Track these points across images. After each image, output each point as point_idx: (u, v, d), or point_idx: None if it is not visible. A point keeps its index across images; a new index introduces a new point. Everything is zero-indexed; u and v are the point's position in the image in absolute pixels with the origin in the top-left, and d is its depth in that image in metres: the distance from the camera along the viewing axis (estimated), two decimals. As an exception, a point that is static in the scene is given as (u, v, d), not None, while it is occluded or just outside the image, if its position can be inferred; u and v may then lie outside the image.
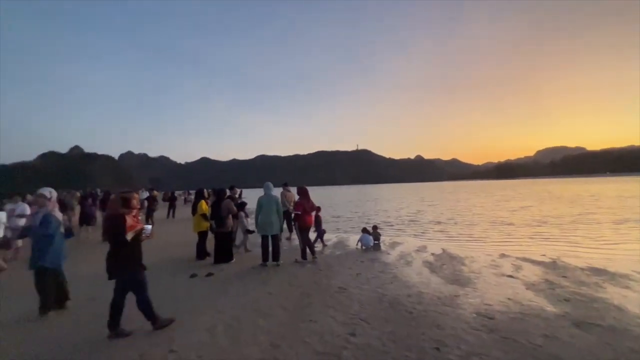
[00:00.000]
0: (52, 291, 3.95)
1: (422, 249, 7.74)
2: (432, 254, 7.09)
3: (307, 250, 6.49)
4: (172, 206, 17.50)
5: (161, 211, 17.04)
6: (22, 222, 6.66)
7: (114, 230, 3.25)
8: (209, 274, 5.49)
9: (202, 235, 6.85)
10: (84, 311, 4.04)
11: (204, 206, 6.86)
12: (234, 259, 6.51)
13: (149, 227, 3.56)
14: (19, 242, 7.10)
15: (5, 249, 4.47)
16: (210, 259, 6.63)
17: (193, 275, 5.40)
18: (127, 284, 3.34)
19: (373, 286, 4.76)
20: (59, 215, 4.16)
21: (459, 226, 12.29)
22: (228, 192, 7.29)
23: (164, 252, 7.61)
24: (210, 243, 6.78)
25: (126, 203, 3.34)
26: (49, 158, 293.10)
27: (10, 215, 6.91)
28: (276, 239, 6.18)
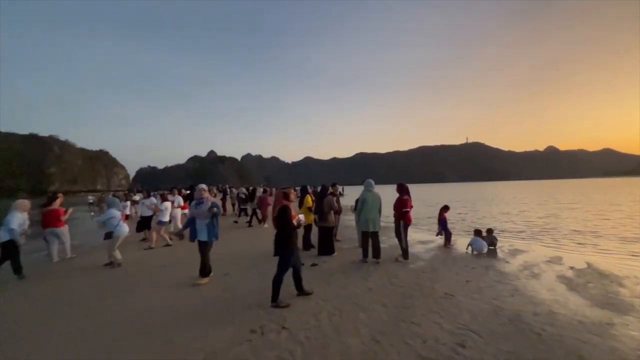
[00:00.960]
0: (208, 260, 5.12)
1: (555, 261, 6.36)
2: (571, 268, 5.74)
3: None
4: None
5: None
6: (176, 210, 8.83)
7: (284, 218, 3.99)
8: (314, 264, 5.93)
9: (308, 228, 7.44)
10: (220, 282, 5.01)
11: (309, 200, 7.45)
12: (336, 253, 6.83)
13: (302, 216, 4.26)
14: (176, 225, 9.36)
15: (178, 236, 6.02)
16: (314, 251, 7.15)
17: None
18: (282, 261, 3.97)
19: (487, 297, 4.20)
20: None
21: (611, 237, 9.53)
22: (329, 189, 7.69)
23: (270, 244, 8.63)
24: (315, 236, 7.31)
25: (286, 196, 4.14)
26: (194, 161, 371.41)
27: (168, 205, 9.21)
28: (377, 236, 6.19)
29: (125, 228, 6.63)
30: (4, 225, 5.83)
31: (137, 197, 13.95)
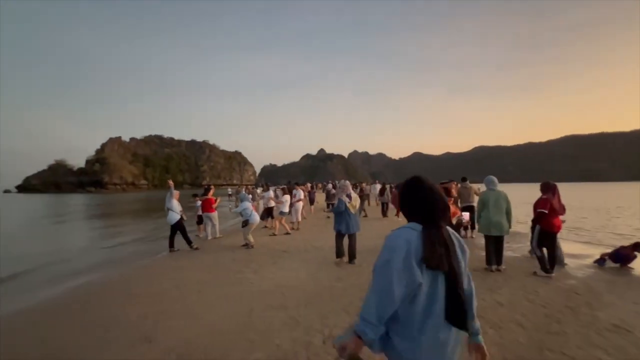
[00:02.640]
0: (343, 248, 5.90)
1: None
2: None
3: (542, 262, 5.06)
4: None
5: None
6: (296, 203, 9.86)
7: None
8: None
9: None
10: (334, 272, 5.30)
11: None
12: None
13: (466, 214, 4.03)
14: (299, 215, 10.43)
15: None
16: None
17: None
18: None
19: (692, 342, 2.98)
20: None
21: None
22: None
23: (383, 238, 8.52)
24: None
25: (447, 192, 3.85)
26: (306, 158, 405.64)
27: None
28: (501, 241, 5.32)
29: (256, 217, 7.85)
30: (170, 210, 7.71)
31: (258, 191, 16.31)
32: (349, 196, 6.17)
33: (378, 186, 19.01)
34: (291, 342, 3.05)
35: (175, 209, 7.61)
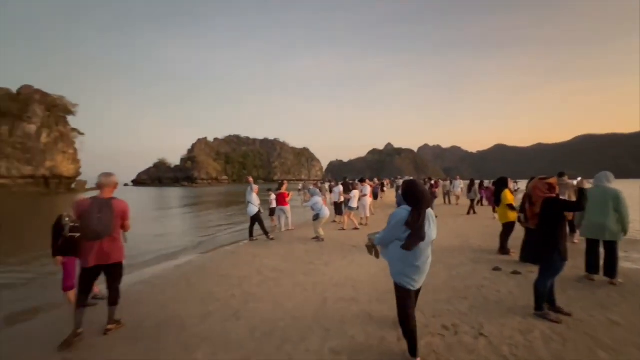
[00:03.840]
0: None
1: None
2: None
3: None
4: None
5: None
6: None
7: (551, 213, 3.37)
8: (515, 272, 4.96)
9: (508, 227, 6.31)
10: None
11: (509, 196, 6.28)
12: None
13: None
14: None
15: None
16: (515, 256, 5.99)
17: (496, 269, 5.14)
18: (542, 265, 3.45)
19: None
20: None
21: None
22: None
23: (460, 238, 7.89)
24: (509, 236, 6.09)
25: (551, 187, 3.53)
26: (373, 153, 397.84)
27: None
28: (613, 247, 4.42)
29: (327, 211, 8.10)
30: (250, 203, 8.44)
31: (326, 186, 16.66)
32: None
33: (459, 182, 17.69)
34: (365, 335, 3.10)
35: (254, 202, 8.34)
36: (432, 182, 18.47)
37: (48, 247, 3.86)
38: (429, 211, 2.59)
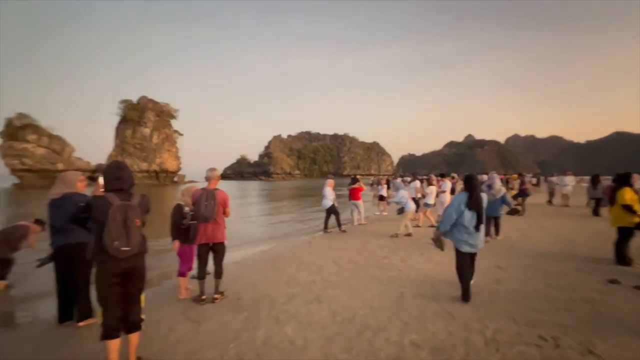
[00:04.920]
0: None
1: None
2: None
3: None
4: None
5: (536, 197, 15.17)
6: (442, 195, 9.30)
7: None
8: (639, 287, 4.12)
9: (624, 233, 5.25)
10: (492, 273, 4.78)
11: (628, 195, 5.20)
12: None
13: None
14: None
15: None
16: (639, 267, 4.96)
17: (613, 281, 4.35)
18: None
19: None
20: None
21: None
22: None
23: (564, 244, 6.85)
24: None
25: None
26: (450, 146, 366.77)
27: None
28: None
29: (413, 205, 7.96)
30: (324, 197, 8.78)
31: (397, 180, 16.12)
32: (490, 187, 6.70)
33: (569, 178, 14.69)
34: (447, 334, 3.04)
35: (330, 196, 8.69)
36: (523, 177, 15.74)
37: (161, 230, 4.68)
38: (483, 195, 3.89)
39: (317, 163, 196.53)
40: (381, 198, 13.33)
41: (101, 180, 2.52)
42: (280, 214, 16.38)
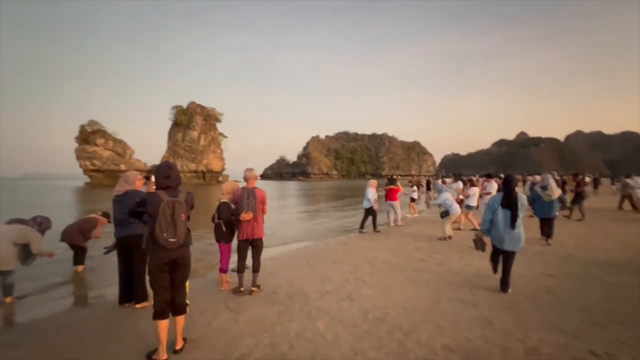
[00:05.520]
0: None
1: None
2: None
3: None
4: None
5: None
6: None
7: None
8: None
9: None
10: (541, 281, 4.43)
11: None
12: None
13: None
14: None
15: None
16: None
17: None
18: None
19: None
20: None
21: None
22: None
23: (630, 252, 6.08)
24: None
25: None
26: (499, 145, 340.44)
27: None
28: None
29: (457, 208, 7.65)
30: (365, 197, 8.78)
31: (439, 182, 15.40)
32: (544, 187, 6.57)
33: None
34: (483, 341, 2.91)
35: (371, 197, 8.67)
36: (579, 177, 14.04)
37: (207, 225, 5.00)
38: (521, 195, 4.07)
39: (354, 163, 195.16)
40: (412, 200, 13.06)
41: (153, 178, 2.85)
42: (316, 213, 16.62)
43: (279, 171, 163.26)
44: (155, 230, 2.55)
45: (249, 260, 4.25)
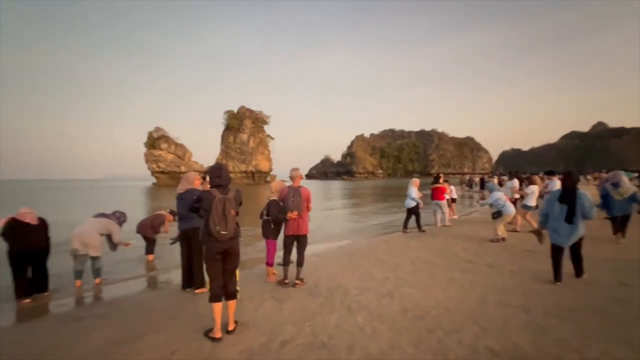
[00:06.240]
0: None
1: None
2: None
3: None
4: None
5: None
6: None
7: None
8: None
9: None
10: (612, 290, 3.98)
11: None
12: None
13: None
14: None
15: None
16: None
17: None
18: None
19: None
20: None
21: None
22: None
23: None
24: None
25: None
26: (570, 138, 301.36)
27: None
28: None
29: (511, 208, 7.11)
30: (408, 196, 8.56)
31: (495, 180, 14.28)
32: (615, 185, 6.18)
33: None
34: (533, 347, 2.75)
35: (414, 196, 8.48)
36: None
37: (254, 221, 5.42)
38: (583, 192, 4.08)
39: (401, 162, 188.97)
40: (452, 200, 11.47)
41: (208, 178, 3.22)
42: (359, 212, 16.59)
43: (324, 171, 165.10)
44: (209, 223, 2.89)
45: (293, 255, 4.52)
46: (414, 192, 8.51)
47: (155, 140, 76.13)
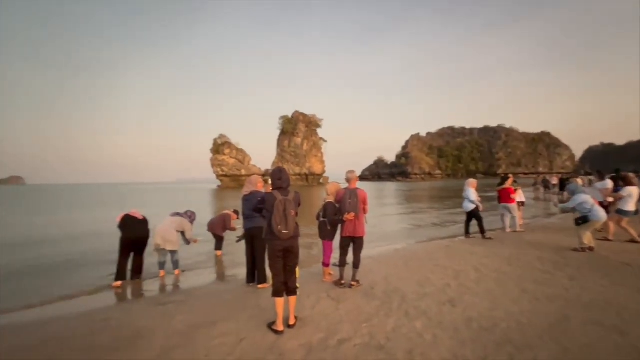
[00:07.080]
0: None
1: None
2: None
3: None
4: None
5: None
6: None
7: None
8: None
9: None
10: None
11: None
12: None
13: None
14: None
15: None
16: None
17: None
18: None
19: None
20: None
21: None
22: None
23: None
24: None
25: None
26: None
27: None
28: None
29: (601, 213, 6.12)
30: (466, 198, 7.94)
31: (579, 181, 12.39)
32: None
33: None
34: (631, 375, 2.36)
35: (472, 198, 7.87)
36: None
37: (311, 222, 5.57)
38: None
39: (462, 161, 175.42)
40: (521, 204, 9.90)
41: (270, 181, 3.46)
42: (416, 215, 15.89)
43: (377, 172, 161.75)
44: (271, 223, 3.11)
45: (349, 257, 4.57)
46: (471, 193, 7.89)
47: (219, 147, 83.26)
